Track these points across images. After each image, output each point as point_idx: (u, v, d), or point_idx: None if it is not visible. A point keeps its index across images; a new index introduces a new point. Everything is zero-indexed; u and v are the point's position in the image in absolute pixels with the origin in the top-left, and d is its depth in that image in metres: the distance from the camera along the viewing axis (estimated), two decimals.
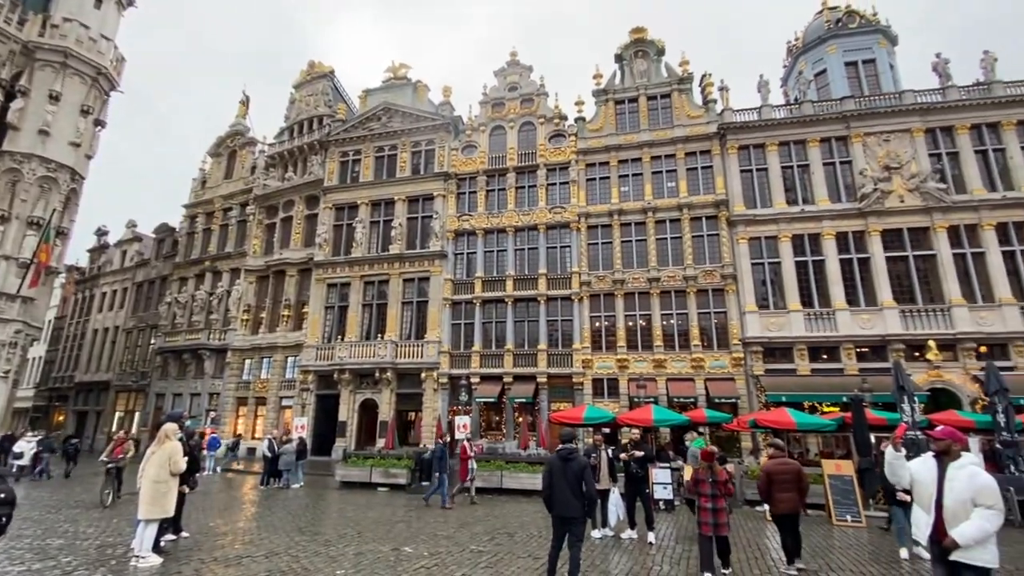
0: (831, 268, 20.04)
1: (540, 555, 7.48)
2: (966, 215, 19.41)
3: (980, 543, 3.63)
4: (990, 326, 18.18)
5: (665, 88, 24.21)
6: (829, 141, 21.55)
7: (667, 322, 21.41)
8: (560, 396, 21.77)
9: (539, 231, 23.73)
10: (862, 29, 24.31)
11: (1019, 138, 19.85)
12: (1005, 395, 12.62)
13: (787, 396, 17.65)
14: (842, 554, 8.07)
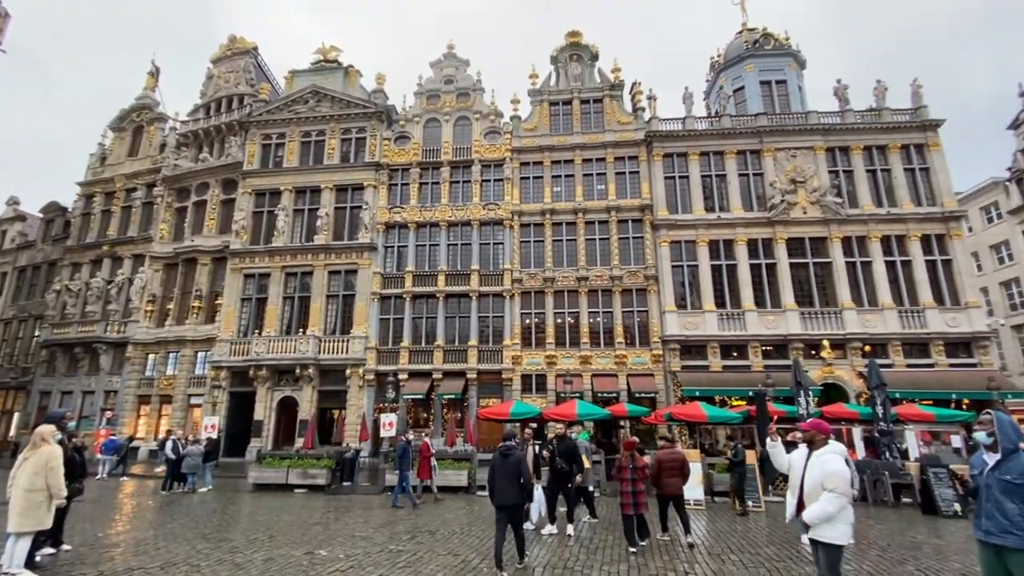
0: (742, 272, 21.54)
1: (460, 552, 7.47)
2: (857, 227, 21.55)
3: (826, 522, 4.18)
4: (874, 328, 20.33)
5: (598, 93, 24.90)
6: (744, 154, 23.13)
7: (594, 320, 22.09)
8: (489, 392, 21.85)
9: (472, 227, 23.64)
10: (775, 52, 26.28)
11: (902, 160, 22.30)
12: (883, 389, 14.17)
13: (701, 391, 18.82)
14: (742, 537, 8.70)
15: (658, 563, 6.91)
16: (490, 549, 7.08)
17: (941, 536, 8.99)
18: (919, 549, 7.95)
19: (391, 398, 18.79)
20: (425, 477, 12.85)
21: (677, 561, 7.02)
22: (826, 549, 4.28)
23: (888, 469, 12.86)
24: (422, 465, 12.83)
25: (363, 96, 26.35)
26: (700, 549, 7.74)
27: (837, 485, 4.19)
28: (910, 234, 21.24)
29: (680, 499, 8.24)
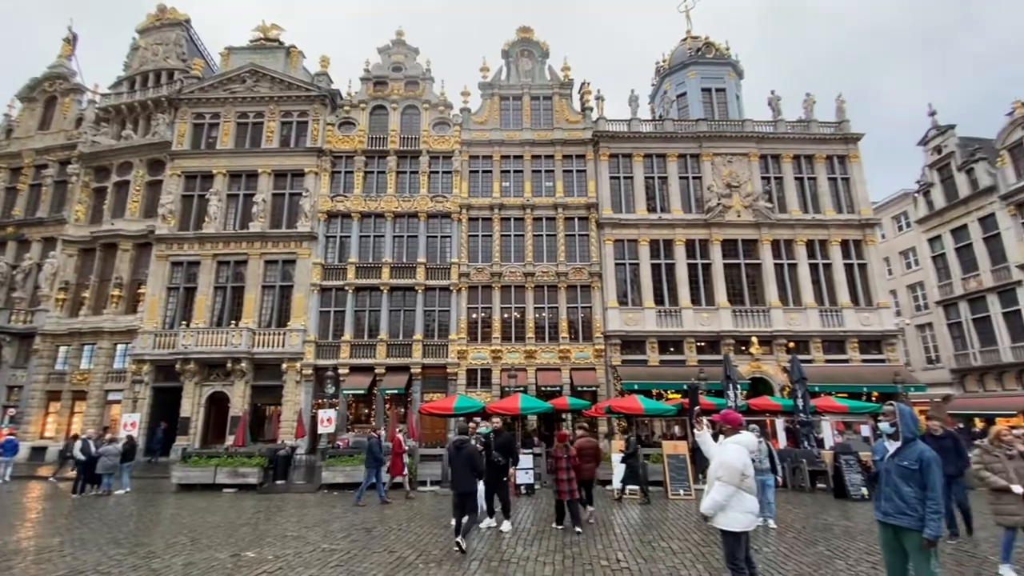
0: (680, 271, 22.44)
1: (396, 549, 7.36)
2: (785, 232, 22.95)
3: (720, 510, 4.43)
4: (797, 325, 21.76)
5: (548, 91, 25.11)
6: (685, 157, 24.06)
7: (539, 315, 22.34)
8: (434, 387, 21.64)
9: (419, 219, 23.26)
10: (716, 60, 27.44)
11: (827, 170, 23.94)
12: (803, 383, 15.19)
13: (639, 384, 19.48)
14: (673, 524, 9.08)
15: (593, 552, 7.09)
16: (427, 545, 7.45)
17: (850, 518, 9.74)
18: (830, 530, 8.59)
19: (330, 393, 18.24)
20: (398, 473, 12.55)
21: (610, 550, 7.23)
22: (723, 536, 4.54)
23: (806, 457, 13.81)
24: (395, 462, 12.52)
25: (306, 78, 25.25)
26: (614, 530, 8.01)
27: (724, 475, 4.43)
28: (831, 239, 22.86)
29: (592, 483, 9.41)
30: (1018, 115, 23.41)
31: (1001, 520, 5.94)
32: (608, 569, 6.27)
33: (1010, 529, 5.89)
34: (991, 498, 6.08)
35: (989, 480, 6.02)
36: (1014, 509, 5.86)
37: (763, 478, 8.91)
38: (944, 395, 25.39)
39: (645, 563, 6.53)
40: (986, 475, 6.07)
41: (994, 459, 6.16)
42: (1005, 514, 5.91)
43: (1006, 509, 5.91)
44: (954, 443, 7.87)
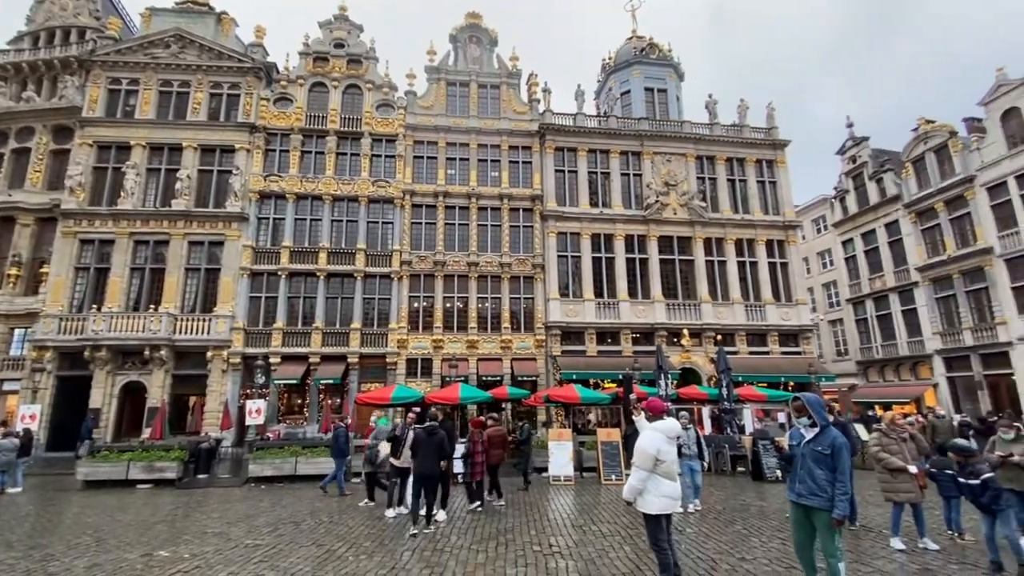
0: (619, 265, 23.11)
1: (326, 542, 7.15)
2: (716, 230, 24.14)
3: (637, 495, 4.65)
4: (725, 319, 23.03)
5: (495, 79, 24.92)
6: (627, 154, 24.70)
7: (482, 305, 22.32)
8: (372, 376, 21.15)
9: (360, 203, 22.50)
10: (659, 62, 28.28)
11: (756, 173, 25.35)
12: (728, 373, 16.12)
13: (577, 374, 19.95)
14: (604, 508, 9.40)
15: (526, 537, 7.21)
16: (359, 537, 7.35)
17: (765, 499, 10.47)
18: (747, 510, 9.19)
19: (260, 383, 17.41)
20: None
21: (544, 535, 7.37)
22: (645, 518, 4.75)
23: (728, 443, 14.70)
24: None
25: (238, 48, 23.64)
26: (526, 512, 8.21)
27: (638, 460, 4.66)
28: (758, 239, 24.29)
29: (498, 467, 10.22)
30: (921, 131, 25.77)
31: (895, 497, 6.54)
32: (540, 554, 6.39)
33: (898, 505, 6.52)
34: (886, 477, 6.68)
35: (888, 461, 6.61)
36: (908, 487, 6.48)
37: (691, 463, 9.34)
38: (850, 384, 27.79)
39: (576, 547, 6.71)
40: (884, 456, 6.66)
41: (891, 442, 6.78)
42: (900, 491, 6.50)
43: (901, 487, 6.51)
44: (843, 431, 8.07)
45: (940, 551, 6.28)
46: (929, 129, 25.40)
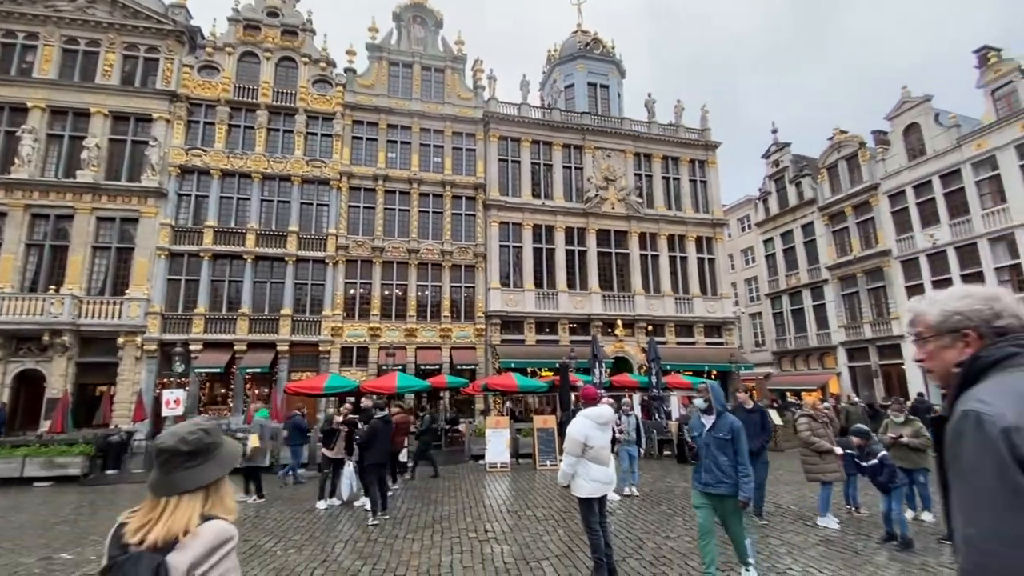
0: (559, 256, 23.52)
1: (252, 536, 6.85)
2: (651, 226, 25.10)
3: (569, 479, 4.81)
4: (656, 311, 24.08)
5: (440, 63, 24.41)
6: (569, 148, 25.07)
7: (422, 293, 22.00)
8: (303, 365, 20.35)
9: (293, 183, 21.40)
10: (602, 57, 28.80)
11: (689, 172, 26.54)
12: (658, 362, 16.92)
13: (516, 363, 20.21)
14: (539, 493, 9.63)
15: (461, 525, 7.26)
16: (287, 531, 7.18)
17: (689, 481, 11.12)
18: (672, 492, 9.73)
19: (179, 372, 16.27)
20: None
21: (479, 522, 7.45)
22: (578, 502, 4.90)
23: (656, 428, 15.47)
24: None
25: (158, 8, 21.62)
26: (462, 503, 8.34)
27: (567, 446, 4.83)
28: (689, 235, 25.52)
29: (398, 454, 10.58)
30: (836, 141, 27.98)
31: (823, 477, 7.01)
32: (476, 540, 6.46)
33: (826, 485, 7.06)
34: (813, 459, 7.14)
35: (818, 444, 7.11)
36: (834, 467, 7.04)
37: (629, 449, 9.70)
38: (766, 373, 30.00)
39: (511, 532, 6.84)
40: (815, 440, 7.16)
41: (819, 426, 7.33)
42: (828, 472, 7.01)
43: (828, 468, 7.04)
44: (761, 417, 7.78)
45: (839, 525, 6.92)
46: (842, 139, 27.63)
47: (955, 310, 1.31)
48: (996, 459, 1.01)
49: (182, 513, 1.43)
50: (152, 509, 1.45)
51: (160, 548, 1.37)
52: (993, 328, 1.26)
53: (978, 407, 1.08)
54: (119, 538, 1.42)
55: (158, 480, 1.48)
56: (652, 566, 5.37)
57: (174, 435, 1.51)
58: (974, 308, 1.30)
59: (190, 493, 1.46)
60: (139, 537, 1.39)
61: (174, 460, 1.48)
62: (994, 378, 1.16)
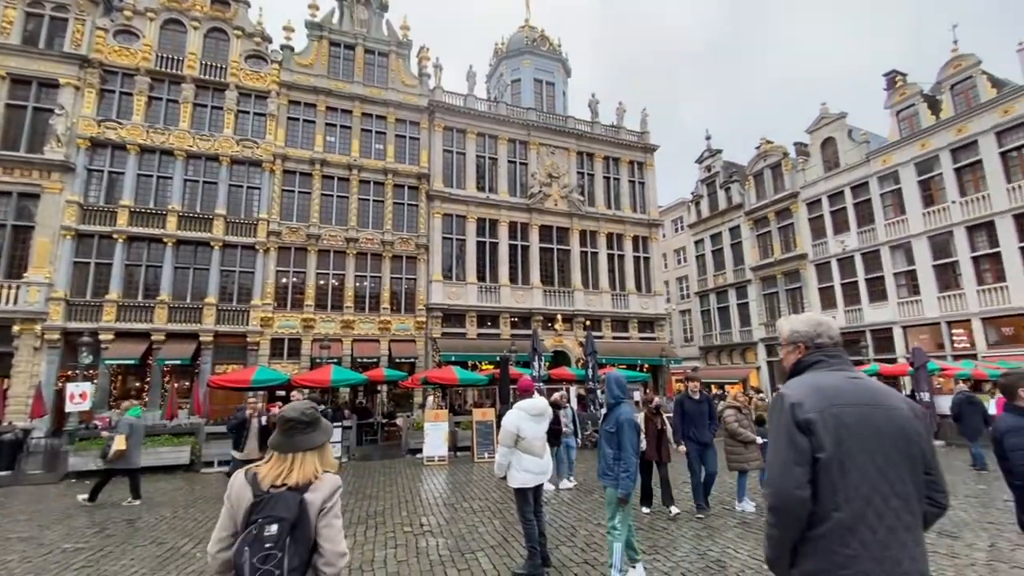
0: (502, 250, 23.63)
1: (168, 539, 6.44)
2: (592, 223, 25.73)
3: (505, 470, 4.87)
4: (594, 306, 24.77)
5: (384, 47, 23.70)
6: (515, 142, 25.17)
7: (360, 284, 21.39)
8: (229, 357, 19.24)
9: (221, 163, 20.09)
10: (549, 55, 29.08)
11: (628, 173, 27.40)
12: (595, 356, 17.40)
13: (457, 356, 20.14)
14: (476, 486, 9.68)
15: (396, 519, 7.17)
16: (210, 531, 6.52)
17: None
18: None
19: (86, 364, 14.90)
20: None
21: (415, 515, 7.40)
22: (514, 492, 4.96)
23: (591, 419, 15.95)
24: None
25: None
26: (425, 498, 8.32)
27: (500, 437, 4.92)
28: (626, 234, 26.39)
29: None
30: (763, 150, 29.84)
31: (746, 466, 7.41)
32: (411, 534, 6.41)
33: (743, 473, 7.49)
34: (738, 448, 7.51)
35: (744, 435, 7.53)
36: (756, 456, 7.49)
37: (568, 440, 9.88)
38: (693, 367, 31.62)
39: (447, 524, 6.84)
40: (741, 431, 7.58)
41: (744, 417, 7.80)
42: (751, 460, 7.43)
43: (751, 457, 7.46)
44: (709, 407, 7.67)
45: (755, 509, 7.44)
46: (768, 149, 29.52)
47: (795, 330, 2.02)
48: (785, 421, 1.77)
49: (308, 465, 1.98)
50: (281, 463, 1.97)
51: (296, 489, 1.91)
52: (814, 343, 1.97)
53: (783, 390, 1.86)
54: (257, 483, 1.92)
55: (284, 442, 2.00)
56: (584, 552, 5.56)
57: (295, 410, 2.05)
58: (805, 329, 1.99)
59: (310, 451, 2.01)
60: (280, 481, 1.92)
61: (297, 428, 2.01)
62: (805, 374, 1.92)
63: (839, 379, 1.84)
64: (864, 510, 1.65)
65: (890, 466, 1.70)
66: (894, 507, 1.66)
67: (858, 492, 1.67)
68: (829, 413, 1.73)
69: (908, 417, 1.77)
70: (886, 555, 1.62)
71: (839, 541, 1.65)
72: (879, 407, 1.77)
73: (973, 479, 9.54)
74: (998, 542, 5.67)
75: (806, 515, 1.71)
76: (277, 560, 1.77)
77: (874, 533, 1.63)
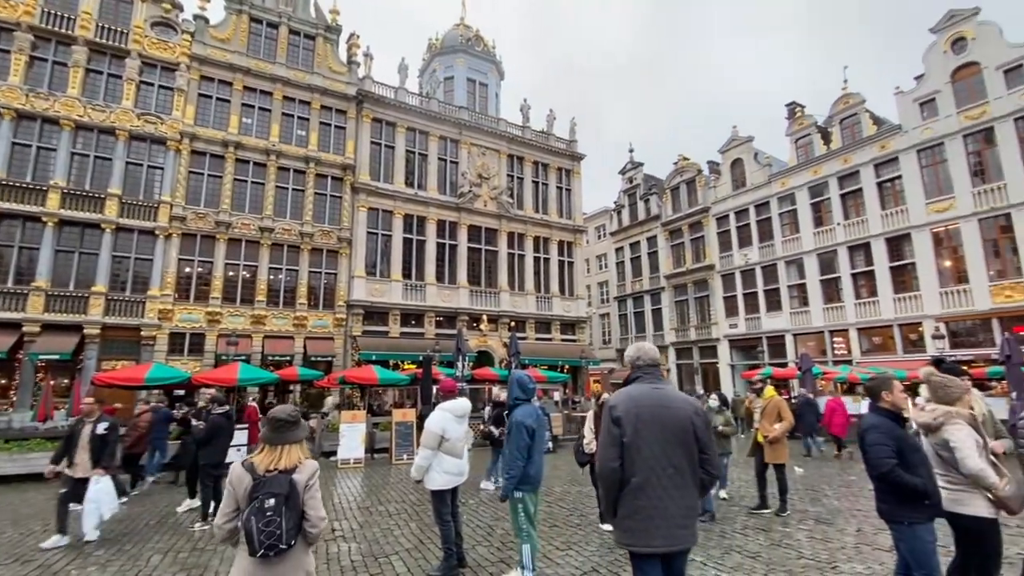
0: (430, 248, 23.32)
1: (36, 556, 5.70)
2: (520, 226, 26.10)
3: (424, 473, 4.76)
4: (520, 308, 25.13)
5: (311, 29, 22.56)
6: (446, 140, 24.94)
7: (275, 277, 20.20)
8: (120, 352, 17.43)
9: (118, 138, 18.14)
10: (483, 55, 29.14)
11: (556, 179, 28.06)
12: (518, 356, 17.65)
13: (378, 355, 19.60)
14: (393, 488, 9.49)
15: None
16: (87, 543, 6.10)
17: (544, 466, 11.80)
18: None
19: None
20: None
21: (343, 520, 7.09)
22: (431, 494, 4.88)
23: None
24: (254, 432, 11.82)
25: None
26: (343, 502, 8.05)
27: (424, 439, 4.81)
28: (552, 238, 27.04)
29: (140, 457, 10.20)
30: (680, 166, 31.79)
31: None
32: (321, 540, 6.14)
33: None
34: None
35: None
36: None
37: None
38: (610, 368, 33.05)
39: (360, 528, 6.65)
40: None
41: None
42: None
43: None
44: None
45: None
46: (684, 165, 31.49)
47: (628, 355, 2.98)
48: (607, 417, 2.69)
49: (294, 454, 2.59)
50: (272, 453, 2.56)
51: (285, 472, 2.50)
52: (635, 364, 2.89)
53: (609, 398, 2.92)
54: (254, 470, 2.49)
55: (274, 437, 2.59)
56: (500, 551, 5.62)
57: (283, 412, 2.68)
58: (632, 355, 2.92)
59: (294, 444, 2.63)
60: (273, 466, 2.51)
61: (285, 426, 2.62)
62: (629, 385, 2.83)
63: (645, 389, 2.76)
64: (649, 476, 2.58)
65: (669, 447, 2.61)
66: (669, 474, 2.60)
67: (646, 464, 2.59)
68: (632, 412, 2.66)
69: (688, 414, 2.67)
70: (660, 504, 2.57)
71: (635, 496, 2.60)
72: (667, 407, 2.68)
73: (844, 471, 10.77)
74: (864, 527, 6.43)
75: (617, 481, 2.64)
76: (277, 523, 2.38)
77: (655, 490, 2.58)
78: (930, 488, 3.13)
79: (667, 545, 2.56)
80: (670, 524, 2.57)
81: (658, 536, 2.55)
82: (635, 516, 2.59)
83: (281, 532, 2.38)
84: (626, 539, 2.65)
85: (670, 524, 2.57)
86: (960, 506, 3.27)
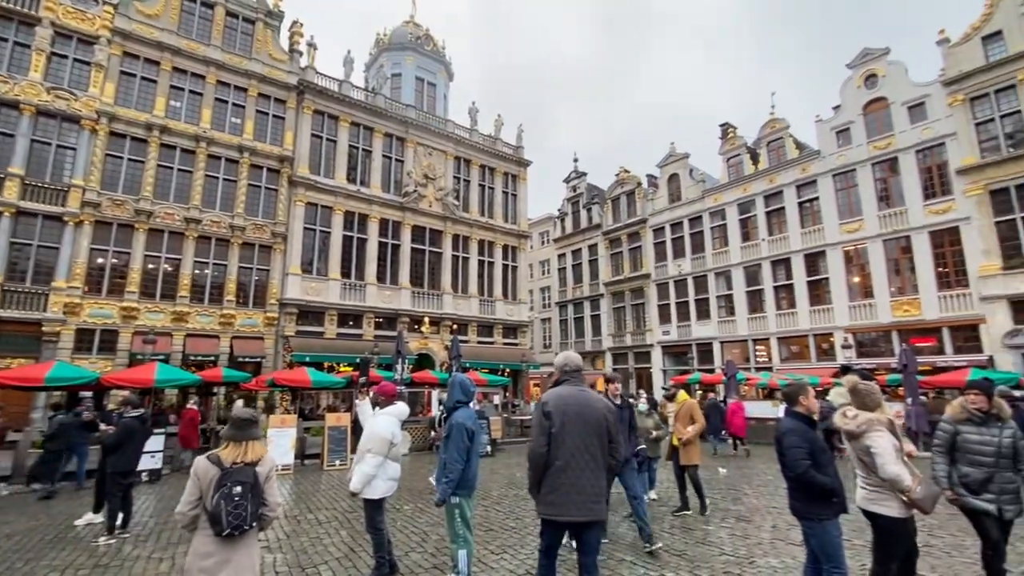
0: (371, 247, 22.74)
1: None
2: (465, 229, 26.02)
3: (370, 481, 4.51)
4: (462, 310, 25.01)
5: (251, 13, 21.47)
6: (392, 138, 24.47)
7: (200, 271, 18.97)
8: (16, 349, 15.69)
9: (23, 113, 16.40)
10: (432, 55, 28.88)
11: (503, 184, 28.23)
12: (459, 360, 17.51)
13: (312, 356, 18.85)
14: (324, 495, 9.13)
15: None
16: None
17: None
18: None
19: None
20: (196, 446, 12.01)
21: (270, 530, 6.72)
22: (365, 503, 4.71)
23: None
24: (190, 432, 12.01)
25: None
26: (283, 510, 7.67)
27: (374, 446, 4.60)
28: (497, 242, 27.15)
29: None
30: (621, 178, 32.87)
31: None
32: None
33: None
34: None
35: None
36: None
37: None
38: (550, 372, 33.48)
39: (288, 538, 6.35)
40: None
41: None
42: None
43: None
44: (630, 415, 6.23)
45: None
46: (625, 177, 32.60)
47: (558, 362, 3.60)
48: (538, 413, 3.36)
49: (258, 449, 3.02)
50: (238, 447, 2.95)
51: (250, 464, 2.93)
52: (563, 370, 3.53)
53: (542, 396, 3.50)
54: (220, 463, 2.88)
55: (238, 434, 2.99)
56: (434, 557, 5.55)
57: (245, 411, 3.17)
58: (560, 362, 3.56)
59: (257, 440, 3.05)
60: (239, 460, 2.92)
61: (246, 424, 3.04)
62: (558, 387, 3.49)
63: (571, 390, 3.41)
64: (570, 460, 3.20)
65: (588, 438, 3.25)
66: (586, 459, 3.22)
67: (568, 450, 3.21)
68: (560, 408, 3.29)
69: (603, 412, 3.37)
70: (578, 483, 3.18)
71: (556, 476, 3.20)
72: (587, 406, 3.34)
73: (763, 472, 11.49)
74: (779, 523, 6.89)
75: (544, 463, 3.23)
76: (244, 507, 2.81)
77: (574, 472, 3.19)
78: (837, 487, 3.42)
79: (581, 515, 3.16)
80: (585, 499, 3.16)
81: (574, 509, 3.14)
82: (556, 491, 3.18)
83: (246, 515, 2.82)
84: (548, 511, 3.21)
85: (585, 499, 3.16)
86: (876, 505, 3.60)
